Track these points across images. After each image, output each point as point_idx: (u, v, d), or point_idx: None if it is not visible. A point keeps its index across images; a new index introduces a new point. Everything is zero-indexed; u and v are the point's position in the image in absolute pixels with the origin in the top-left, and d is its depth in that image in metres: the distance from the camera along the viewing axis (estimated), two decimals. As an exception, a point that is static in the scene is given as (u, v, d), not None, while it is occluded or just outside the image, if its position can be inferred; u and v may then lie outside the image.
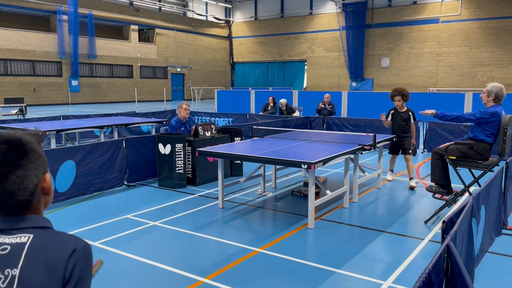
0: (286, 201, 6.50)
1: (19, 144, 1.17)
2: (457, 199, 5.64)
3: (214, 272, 4.00)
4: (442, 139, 10.02)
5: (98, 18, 31.64)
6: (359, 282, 3.84)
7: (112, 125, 9.88)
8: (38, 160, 1.20)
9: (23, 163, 1.16)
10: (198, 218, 5.65)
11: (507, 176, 4.96)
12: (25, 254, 1.13)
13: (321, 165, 5.15)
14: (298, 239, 4.90)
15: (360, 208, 6.14)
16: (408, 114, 7.29)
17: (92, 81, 31.82)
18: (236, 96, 22.04)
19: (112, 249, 4.56)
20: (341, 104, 17.62)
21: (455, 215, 2.86)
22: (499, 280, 3.87)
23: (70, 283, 1.13)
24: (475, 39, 30.50)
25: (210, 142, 7.45)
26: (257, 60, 41.75)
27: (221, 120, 14.49)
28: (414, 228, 5.29)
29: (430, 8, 31.99)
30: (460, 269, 2.30)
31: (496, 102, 5.20)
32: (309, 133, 8.00)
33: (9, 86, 27.10)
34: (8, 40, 27.02)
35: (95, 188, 6.76)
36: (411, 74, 33.34)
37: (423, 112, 5.58)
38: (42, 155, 1.23)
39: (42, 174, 1.22)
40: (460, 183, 5.48)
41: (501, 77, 29.20)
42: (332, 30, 36.36)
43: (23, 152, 1.17)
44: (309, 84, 38.43)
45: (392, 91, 7.33)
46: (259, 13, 41.12)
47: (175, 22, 37.68)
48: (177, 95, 38.66)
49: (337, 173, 8.45)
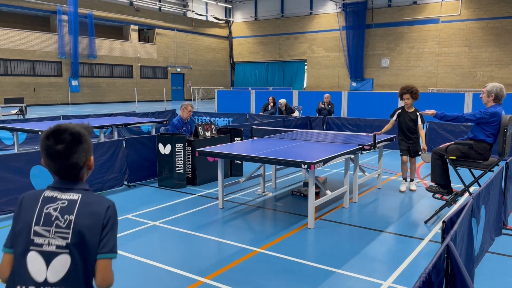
0: (286, 201, 6.50)
1: (78, 136, 1.73)
2: (457, 199, 5.64)
3: (214, 272, 4.00)
4: (442, 139, 10.02)
5: (98, 18, 31.64)
6: (359, 282, 3.84)
7: (112, 125, 9.88)
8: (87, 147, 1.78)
9: (79, 149, 1.73)
10: (198, 218, 5.65)
11: (507, 176, 4.96)
12: (78, 206, 1.71)
13: (321, 165, 5.15)
14: (298, 239, 4.90)
15: (360, 208, 6.14)
16: (416, 115, 6.89)
17: (92, 81, 31.82)
18: (236, 96, 22.04)
19: (112, 249, 4.55)
20: (341, 104, 17.61)
21: (455, 215, 2.86)
22: (499, 280, 3.87)
23: (107, 227, 1.72)
24: (475, 39, 30.50)
25: (210, 142, 7.45)
26: (257, 60, 41.75)
27: (221, 120, 14.49)
28: (414, 228, 5.29)
29: (430, 8, 31.99)
30: (460, 269, 2.30)
31: (496, 102, 5.20)
32: (309, 133, 8.00)
33: (9, 86, 27.10)
34: (8, 40, 27.02)
35: (95, 188, 6.75)
36: (411, 74, 33.34)
37: (423, 112, 5.58)
38: (90, 144, 1.80)
39: (89, 156, 1.80)
40: (460, 183, 5.48)
41: (501, 77, 29.20)
42: (332, 30, 36.36)
43: (80, 142, 1.74)
44: (309, 84, 38.43)
45: (401, 89, 6.93)
46: (259, 13, 41.12)
47: (175, 22, 37.68)
48: (177, 95, 38.66)
49: (337, 173, 8.45)
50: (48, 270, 1.66)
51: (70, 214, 1.69)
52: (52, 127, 1.73)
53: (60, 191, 1.75)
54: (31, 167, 5.88)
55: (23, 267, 1.67)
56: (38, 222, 1.69)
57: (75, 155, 1.72)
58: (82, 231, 1.68)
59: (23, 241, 1.69)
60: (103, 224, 1.71)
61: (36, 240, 1.68)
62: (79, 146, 1.73)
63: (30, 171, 5.86)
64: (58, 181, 1.78)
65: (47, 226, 1.69)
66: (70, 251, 1.67)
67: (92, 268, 1.70)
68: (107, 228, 1.72)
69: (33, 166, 5.90)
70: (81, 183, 1.81)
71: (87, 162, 1.80)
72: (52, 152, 1.71)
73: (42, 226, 1.69)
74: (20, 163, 5.77)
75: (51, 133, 1.72)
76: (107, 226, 1.72)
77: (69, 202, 1.72)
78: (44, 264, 1.66)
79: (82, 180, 1.82)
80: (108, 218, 1.72)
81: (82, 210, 1.70)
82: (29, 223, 1.70)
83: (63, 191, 1.75)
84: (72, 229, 1.67)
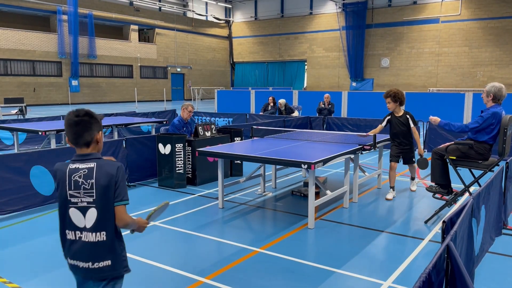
0: (286, 201, 6.50)
1: (90, 113, 2.34)
2: (457, 199, 5.64)
3: (214, 272, 4.00)
4: (442, 139, 10.03)
5: (98, 18, 31.64)
6: (359, 282, 3.84)
7: (112, 125, 9.88)
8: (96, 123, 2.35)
9: (92, 127, 2.33)
10: (198, 218, 5.65)
11: (507, 176, 4.96)
12: (95, 171, 2.28)
13: (321, 165, 5.15)
14: (298, 239, 4.90)
15: (360, 208, 6.14)
16: (405, 118, 6.59)
17: (92, 81, 31.83)
18: (236, 96, 22.04)
19: (112, 249, 4.55)
20: (341, 104, 17.62)
21: (455, 215, 2.86)
22: (499, 280, 3.87)
23: (118, 183, 2.29)
24: (475, 39, 30.50)
25: (210, 142, 7.45)
26: (257, 60, 41.75)
27: (221, 120, 14.49)
28: (414, 228, 5.29)
29: (430, 8, 31.99)
30: (460, 269, 2.30)
31: (495, 102, 5.19)
32: (309, 133, 8.00)
33: (9, 86, 27.10)
34: (8, 40, 27.02)
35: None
36: (411, 74, 33.34)
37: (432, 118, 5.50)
38: (99, 122, 2.37)
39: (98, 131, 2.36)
40: (460, 183, 5.48)
41: (501, 77, 29.20)
42: (332, 30, 36.36)
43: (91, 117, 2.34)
44: (309, 84, 38.43)
45: (385, 93, 6.70)
46: (259, 13, 41.12)
47: (175, 22, 37.68)
48: (177, 95, 38.67)
49: (337, 173, 8.45)
50: (85, 219, 2.31)
51: (91, 179, 2.29)
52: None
53: (80, 162, 2.33)
54: (31, 167, 5.88)
55: (68, 218, 2.33)
56: (70, 187, 2.30)
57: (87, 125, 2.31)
58: (102, 189, 2.28)
59: (64, 201, 2.33)
60: (115, 181, 2.29)
61: (72, 200, 2.31)
62: (90, 119, 2.33)
63: (30, 171, 5.86)
64: (77, 154, 2.35)
65: (77, 190, 2.29)
66: (96, 205, 2.29)
67: (113, 213, 2.31)
68: (118, 183, 2.30)
69: (33, 166, 5.90)
70: (94, 153, 2.36)
71: (97, 135, 2.36)
72: (70, 122, 2.31)
73: (74, 190, 2.30)
74: (20, 163, 5.77)
75: (72, 111, 2.35)
76: (118, 181, 2.30)
77: (88, 169, 2.30)
78: (82, 216, 2.31)
79: (94, 151, 2.36)
80: (118, 175, 2.31)
81: (99, 174, 2.29)
82: (65, 189, 2.32)
83: (82, 162, 2.33)
84: (95, 189, 2.28)
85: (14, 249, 4.61)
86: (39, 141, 10.92)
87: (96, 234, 2.31)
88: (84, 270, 2.35)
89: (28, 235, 5.00)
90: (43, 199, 6.05)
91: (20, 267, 4.16)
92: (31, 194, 5.90)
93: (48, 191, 6.10)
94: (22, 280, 3.87)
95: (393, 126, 6.68)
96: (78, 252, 2.35)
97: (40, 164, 5.99)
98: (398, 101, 6.59)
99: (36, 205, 5.97)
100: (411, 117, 6.63)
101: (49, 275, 3.98)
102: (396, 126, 6.64)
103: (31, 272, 4.04)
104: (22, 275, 3.97)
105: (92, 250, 2.32)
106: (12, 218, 5.58)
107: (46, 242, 4.79)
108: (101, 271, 2.34)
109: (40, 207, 6.01)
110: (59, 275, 3.97)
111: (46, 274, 3.99)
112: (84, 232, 2.32)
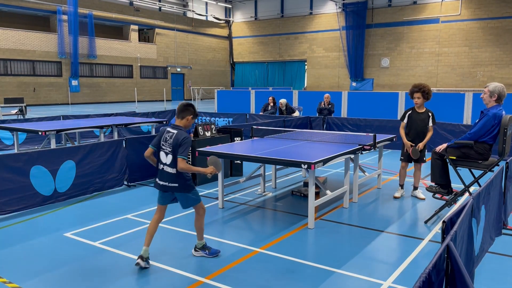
0: (286, 201, 6.50)
1: (189, 106, 4.17)
2: (457, 199, 5.64)
3: (214, 272, 4.01)
4: (442, 139, 10.02)
5: (98, 18, 31.64)
6: (359, 282, 3.84)
7: (112, 125, 9.88)
8: (190, 112, 4.15)
9: (187, 111, 4.15)
10: (198, 218, 5.64)
11: (507, 176, 4.96)
12: (174, 135, 4.05)
13: (321, 165, 5.15)
14: (298, 239, 4.90)
15: (360, 208, 6.14)
16: (427, 115, 6.36)
17: (92, 81, 31.83)
18: (236, 96, 22.03)
19: (112, 249, 4.56)
20: (341, 104, 17.61)
21: (455, 215, 2.86)
22: (499, 280, 3.87)
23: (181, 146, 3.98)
24: (475, 39, 30.51)
25: (210, 142, 7.45)
26: (257, 60, 41.76)
27: (221, 120, 14.49)
28: (414, 228, 5.29)
29: (430, 8, 32.00)
30: (460, 269, 2.30)
31: (498, 103, 5.18)
32: (309, 133, 8.00)
33: (9, 86, 27.10)
34: (8, 40, 27.03)
35: (95, 188, 6.76)
36: (411, 74, 33.34)
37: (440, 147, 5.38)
38: (191, 110, 4.16)
39: (187, 116, 4.15)
40: (460, 183, 5.48)
41: (501, 77, 29.21)
42: (332, 30, 36.37)
43: (189, 108, 4.16)
44: (309, 84, 38.44)
45: (412, 87, 6.38)
46: (259, 13, 41.12)
47: (175, 22, 37.69)
48: (177, 95, 38.67)
49: (337, 173, 8.45)
50: (166, 159, 4.08)
51: (171, 138, 4.04)
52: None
53: (171, 128, 4.11)
54: (31, 167, 5.88)
55: (159, 157, 4.14)
56: (163, 140, 4.09)
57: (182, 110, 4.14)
58: (173, 146, 4.00)
59: (158, 147, 4.13)
60: (179, 144, 3.97)
61: (162, 147, 4.09)
62: (188, 107, 4.14)
63: (30, 171, 5.86)
64: (173, 124, 4.15)
65: (165, 142, 4.08)
66: (171, 152, 4.03)
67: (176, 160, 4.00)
68: (181, 146, 3.97)
69: (33, 166, 5.90)
70: (180, 127, 4.11)
71: (188, 117, 4.13)
72: (180, 106, 4.16)
73: (163, 142, 4.09)
74: (20, 163, 5.77)
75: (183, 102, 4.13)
76: (181, 145, 3.97)
77: (173, 133, 4.06)
78: (165, 156, 4.09)
79: (181, 125, 4.11)
80: (181, 142, 3.97)
81: (175, 138, 4.02)
82: (159, 140, 4.13)
83: (172, 128, 4.10)
84: (172, 144, 4.02)
85: (14, 249, 4.61)
86: (39, 141, 10.92)
87: (171, 168, 4.07)
88: (164, 186, 4.14)
89: (28, 235, 5.00)
90: (43, 199, 6.05)
91: (20, 267, 4.16)
92: (31, 194, 5.90)
93: (48, 191, 6.10)
94: (22, 280, 3.87)
95: (412, 122, 6.43)
96: (162, 176, 4.13)
97: (40, 164, 6.00)
98: (426, 97, 6.33)
99: (36, 205, 5.97)
100: (432, 116, 6.40)
101: (49, 275, 3.98)
102: (415, 122, 6.40)
103: (31, 272, 4.04)
104: (22, 275, 3.97)
105: (168, 176, 4.10)
106: (12, 218, 5.58)
107: (46, 242, 4.79)
108: (172, 188, 4.13)
109: (40, 207, 6.01)
110: (59, 275, 3.97)
111: (46, 274, 3.99)
112: (166, 166, 4.10)
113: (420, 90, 6.28)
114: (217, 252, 4.40)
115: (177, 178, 4.07)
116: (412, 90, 6.36)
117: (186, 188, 4.14)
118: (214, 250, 4.41)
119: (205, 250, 4.37)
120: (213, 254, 4.37)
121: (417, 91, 6.30)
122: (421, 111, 6.43)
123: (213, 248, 4.44)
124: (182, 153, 3.93)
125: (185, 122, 4.10)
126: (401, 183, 6.67)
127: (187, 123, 4.11)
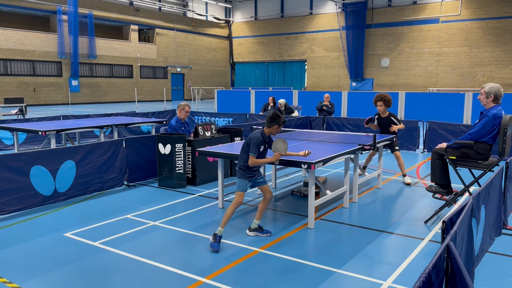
0: (286, 201, 6.50)
1: (277, 117, 4.71)
2: (457, 199, 5.64)
3: (214, 272, 4.01)
4: (442, 139, 10.03)
5: (98, 18, 31.64)
6: (359, 282, 3.84)
7: (112, 125, 9.88)
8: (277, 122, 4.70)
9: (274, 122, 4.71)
10: (198, 218, 5.65)
11: (507, 176, 4.96)
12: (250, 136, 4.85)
13: (321, 165, 5.15)
14: (298, 239, 4.90)
15: (360, 208, 6.14)
16: (389, 119, 7.56)
17: (92, 81, 31.83)
18: (236, 96, 22.04)
19: (112, 249, 4.56)
20: (341, 104, 17.62)
21: (455, 215, 2.86)
22: (499, 280, 3.87)
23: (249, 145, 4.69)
24: (475, 39, 30.51)
25: (210, 142, 7.45)
26: (257, 60, 41.76)
27: (221, 120, 14.49)
28: (414, 228, 5.29)
29: (430, 8, 32.00)
30: (460, 269, 2.30)
31: (496, 103, 5.18)
32: (309, 133, 8.00)
33: (9, 86, 27.11)
34: (8, 40, 27.03)
35: (95, 188, 6.76)
36: (411, 74, 33.35)
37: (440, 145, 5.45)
38: (278, 121, 4.69)
39: (273, 125, 4.72)
40: (460, 183, 5.48)
41: (501, 77, 29.22)
42: (332, 30, 36.37)
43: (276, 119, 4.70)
44: (309, 84, 38.44)
45: (376, 97, 7.65)
46: (259, 13, 41.12)
47: (175, 22, 37.69)
48: (177, 95, 38.68)
49: (337, 173, 8.45)
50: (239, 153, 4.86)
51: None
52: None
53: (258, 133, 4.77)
54: (31, 167, 5.88)
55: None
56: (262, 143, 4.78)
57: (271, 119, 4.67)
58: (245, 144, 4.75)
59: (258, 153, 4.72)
60: (248, 143, 4.65)
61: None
62: (275, 118, 4.67)
63: (30, 171, 5.86)
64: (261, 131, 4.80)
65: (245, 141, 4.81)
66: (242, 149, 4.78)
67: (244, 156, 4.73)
68: (249, 144, 4.64)
69: (33, 166, 5.90)
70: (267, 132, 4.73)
71: (274, 126, 4.68)
72: (270, 114, 4.69)
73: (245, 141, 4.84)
74: (20, 163, 5.77)
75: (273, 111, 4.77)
76: (250, 144, 4.61)
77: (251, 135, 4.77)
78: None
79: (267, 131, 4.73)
80: (250, 142, 4.63)
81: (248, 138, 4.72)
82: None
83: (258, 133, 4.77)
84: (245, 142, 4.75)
85: (14, 249, 4.61)
86: (39, 141, 10.92)
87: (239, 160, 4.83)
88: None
89: (28, 235, 5.00)
90: (43, 199, 6.05)
91: (20, 267, 4.16)
92: (31, 194, 5.90)
93: (48, 191, 6.11)
94: (22, 280, 3.87)
95: (379, 124, 7.80)
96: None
97: (40, 164, 6.00)
98: (387, 105, 7.57)
99: (36, 205, 5.97)
100: (395, 116, 7.69)
101: (49, 275, 3.98)
102: (381, 125, 7.76)
103: (31, 272, 4.04)
104: (22, 275, 3.97)
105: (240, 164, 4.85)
106: (12, 218, 5.58)
107: (46, 242, 4.79)
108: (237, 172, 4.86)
109: (40, 207, 6.01)
110: (59, 275, 3.97)
111: (46, 274, 3.99)
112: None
113: (382, 99, 7.54)
114: (269, 232, 4.99)
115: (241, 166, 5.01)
116: (376, 99, 7.65)
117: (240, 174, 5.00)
118: (266, 230, 5.01)
119: (259, 230, 4.95)
120: (266, 233, 4.96)
121: (379, 100, 7.56)
122: (384, 115, 7.66)
123: (265, 229, 5.03)
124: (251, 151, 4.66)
125: (269, 131, 4.72)
126: (365, 165, 7.97)
127: (272, 132, 4.74)
